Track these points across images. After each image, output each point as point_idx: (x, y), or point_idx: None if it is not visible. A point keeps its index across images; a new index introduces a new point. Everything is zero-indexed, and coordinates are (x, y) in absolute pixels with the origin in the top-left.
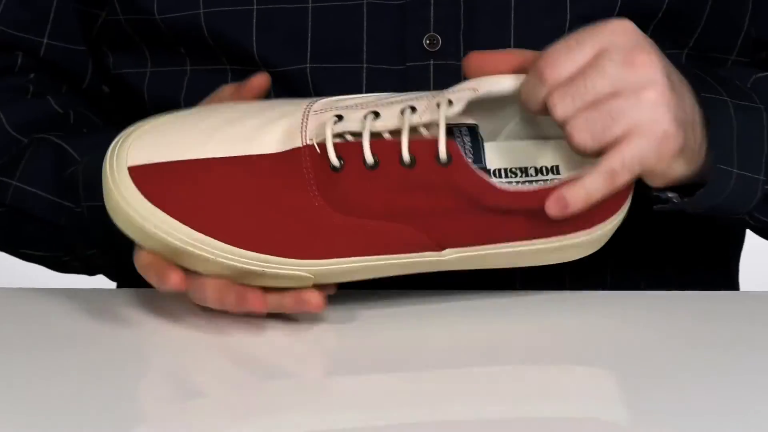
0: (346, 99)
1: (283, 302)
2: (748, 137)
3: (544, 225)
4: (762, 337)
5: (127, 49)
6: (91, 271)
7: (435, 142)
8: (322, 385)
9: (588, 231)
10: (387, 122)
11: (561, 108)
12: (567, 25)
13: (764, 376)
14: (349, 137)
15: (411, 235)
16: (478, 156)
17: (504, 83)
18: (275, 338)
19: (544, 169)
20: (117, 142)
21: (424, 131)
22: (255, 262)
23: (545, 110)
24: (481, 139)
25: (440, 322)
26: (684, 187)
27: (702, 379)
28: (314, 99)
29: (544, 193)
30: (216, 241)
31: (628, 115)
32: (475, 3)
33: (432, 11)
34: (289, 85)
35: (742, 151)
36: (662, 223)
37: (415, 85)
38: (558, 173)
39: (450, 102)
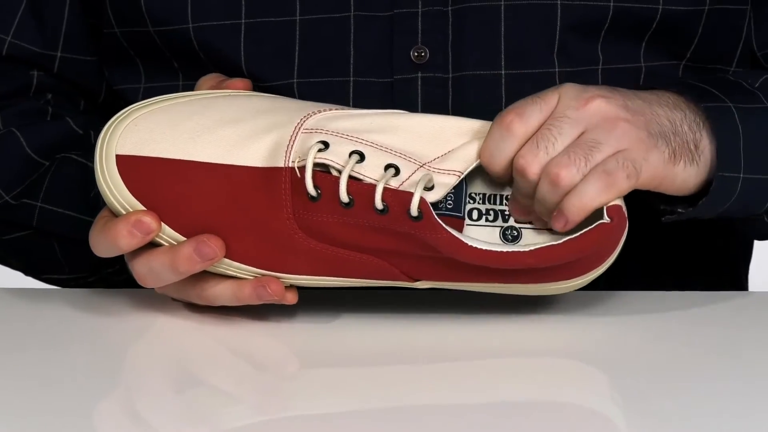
0: (340, 116)
1: (243, 291)
2: (756, 139)
3: (519, 275)
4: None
5: (122, 64)
6: (112, 287)
7: (409, 195)
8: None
9: (567, 281)
10: (367, 171)
11: (535, 163)
12: (557, 35)
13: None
14: (332, 168)
15: (384, 267)
16: (458, 204)
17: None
18: (262, 336)
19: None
20: (111, 124)
21: None
22: (223, 267)
23: (508, 169)
24: (465, 184)
25: (428, 318)
26: (701, 195)
27: (705, 380)
28: (310, 112)
29: (516, 256)
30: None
31: (605, 142)
32: (464, 14)
33: (420, 22)
34: None
35: (750, 155)
36: (669, 230)
37: (403, 98)
38: None
39: (431, 184)
